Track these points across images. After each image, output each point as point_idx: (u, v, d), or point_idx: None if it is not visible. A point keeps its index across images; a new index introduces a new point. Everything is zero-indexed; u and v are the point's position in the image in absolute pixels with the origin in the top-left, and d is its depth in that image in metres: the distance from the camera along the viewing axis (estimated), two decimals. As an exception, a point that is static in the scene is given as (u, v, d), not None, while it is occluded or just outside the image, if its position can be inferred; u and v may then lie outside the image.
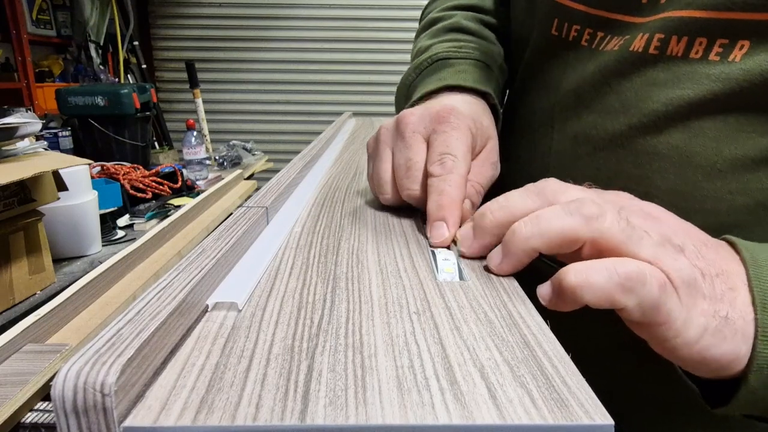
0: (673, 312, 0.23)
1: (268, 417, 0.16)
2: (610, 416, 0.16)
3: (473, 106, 0.40)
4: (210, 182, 1.73)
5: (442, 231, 0.32)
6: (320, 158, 0.66)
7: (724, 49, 0.31)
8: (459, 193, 0.33)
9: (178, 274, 0.24)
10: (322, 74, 3.16)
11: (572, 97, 0.40)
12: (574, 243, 0.25)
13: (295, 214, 0.40)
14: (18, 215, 0.82)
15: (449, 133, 0.35)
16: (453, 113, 0.36)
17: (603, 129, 0.37)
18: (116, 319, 0.19)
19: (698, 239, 0.26)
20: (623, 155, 0.36)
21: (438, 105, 0.37)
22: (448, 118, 0.35)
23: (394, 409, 0.16)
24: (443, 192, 0.32)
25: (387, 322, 0.22)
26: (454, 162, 0.33)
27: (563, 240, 0.25)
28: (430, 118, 0.36)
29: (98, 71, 2.48)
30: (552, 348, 0.20)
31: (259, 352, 0.20)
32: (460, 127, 0.35)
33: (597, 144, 0.37)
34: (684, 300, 0.23)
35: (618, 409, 0.20)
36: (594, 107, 0.38)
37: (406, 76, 0.49)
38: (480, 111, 0.40)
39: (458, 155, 0.34)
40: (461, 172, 0.33)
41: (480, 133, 0.37)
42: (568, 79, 0.41)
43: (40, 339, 0.63)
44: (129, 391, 0.16)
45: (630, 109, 0.35)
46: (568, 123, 0.40)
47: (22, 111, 1.51)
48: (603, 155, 0.37)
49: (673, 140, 0.34)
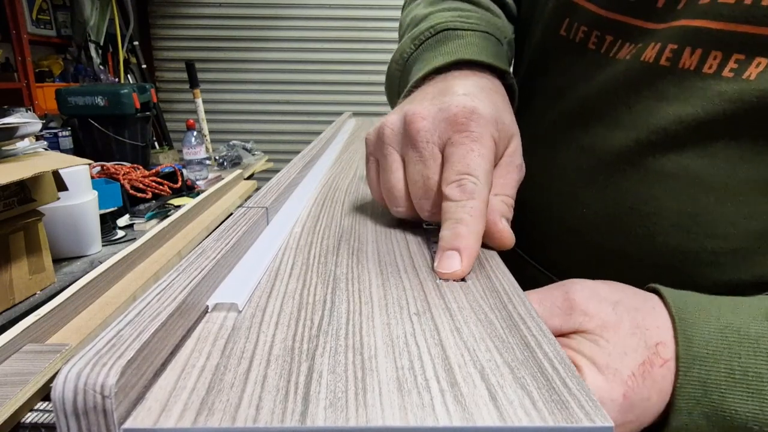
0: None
1: (268, 419, 0.16)
2: (610, 418, 0.16)
3: (492, 95, 0.34)
4: (210, 182, 1.73)
5: (454, 263, 0.27)
6: (320, 158, 0.66)
7: (740, 65, 0.29)
8: (479, 224, 0.28)
9: (178, 274, 0.24)
10: (322, 74, 3.16)
11: (579, 106, 0.38)
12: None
13: (295, 214, 0.40)
14: (18, 215, 0.82)
15: (469, 146, 0.30)
16: (473, 118, 0.30)
17: (610, 143, 0.35)
18: (116, 321, 0.19)
19: (634, 337, 0.26)
20: (631, 173, 0.34)
21: (455, 104, 0.31)
22: (468, 126, 0.30)
23: (394, 411, 0.16)
24: (461, 221, 0.28)
25: (387, 323, 0.22)
26: (476, 185, 0.29)
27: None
28: (446, 123, 0.31)
29: (98, 71, 2.48)
30: (552, 349, 0.20)
31: (259, 353, 0.20)
32: (483, 137, 0.30)
33: (603, 158, 0.36)
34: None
35: None
36: (601, 118, 0.36)
37: (401, 50, 0.42)
38: (500, 102, 0.34)
39: (480, 176, 0.29)
40: (483, 197, 0.29)
41: (503, 136, 0.32)
42: (574, 85, 0.38)
43: (40, 339, 0.63)
44: (129, 393, 0.16)
45: (638, 124, 0.34)
46: (573, 132, 0.38)
47: (22, 111, 1.51)
48: (609, 171, 0.35)
49: (683, 160, 0.32)
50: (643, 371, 0.25)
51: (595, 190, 0.36)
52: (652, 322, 0.26)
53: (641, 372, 0.25)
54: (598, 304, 0.27)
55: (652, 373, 0.25)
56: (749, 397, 0.24)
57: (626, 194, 0.35)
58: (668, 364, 0.25)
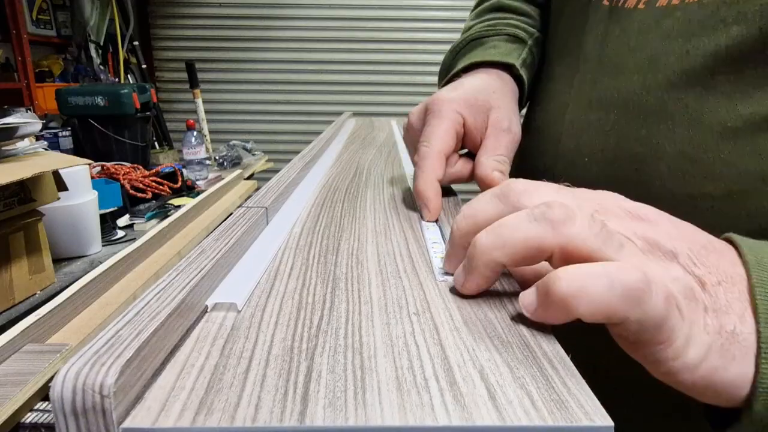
0: (675, 330, 0.20)
1: (267, 418, 0.16)
2: (610, 418, 0.16)
3: (477, 83, 0.43)
4: (210, 182, 1.73)
5: (425, 211, 0.37)
6: (320, 158, 0.66)
7: None
8: (431, 174, 0.37)
9: (177, 274, 0.24)
10: (322, 74, 3.16)
11: (593, 62, 0.40)
12: (541, 253, 0.22)
13: (295, 214, 0.40)
14: (18, 215, 0.82)
15: (431, 122, 0.39)
16: (437, 103, 0.40)
17: (617, 91, 0.37)
18: (115, 320, 0.19)
19: (696, 242, 0.23)
20: (632, 117, 0.36)
21: (432, 97, 0.41)
22: (433, 110, 0.40)
23: (393, 411, 0.16)
24: (418, 177, 0.38)
25: (387, 323, 0.22)
26: (427, 148, 0.38)
27: (528, 250, 0.22)
28: (423, 111, 0.41)
29: (98, 71, 2.48)
30: (552, 349, 0.20)
31: (258, 353, 0.20)
32: (442, 114, 0.39)
33: (609, 107, 0.38)
34: (685, 315, 0.20)
35: (618, 410, 0.20)
36: (613, 70, 0.38)
37: (446, 57, 0.53)
38: (481, 87, 0.42)
39: (431, 140, 0.38)
40: (432, 154, 0.38)
41: (476, 110, 0.40)
42: (588, 43, 0.41)
43: (40, 339, 0.63)
44: (128, 392, 0.16)
45: (645, 68, 0.35)
46: (585, 88, 0.41)
47: (22, 111, 1.51)
48: (613, 118, 0.37)
49: (685, 98, 0.33)
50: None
51: (599, 141, 0.38)
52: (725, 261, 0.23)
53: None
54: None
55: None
56: None
57: (627, 140, 0.36)
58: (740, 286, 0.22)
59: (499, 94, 0.42)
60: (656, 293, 0.20)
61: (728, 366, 0.20)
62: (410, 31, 3.09)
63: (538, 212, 0.22)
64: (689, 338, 0.20)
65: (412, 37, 3.09)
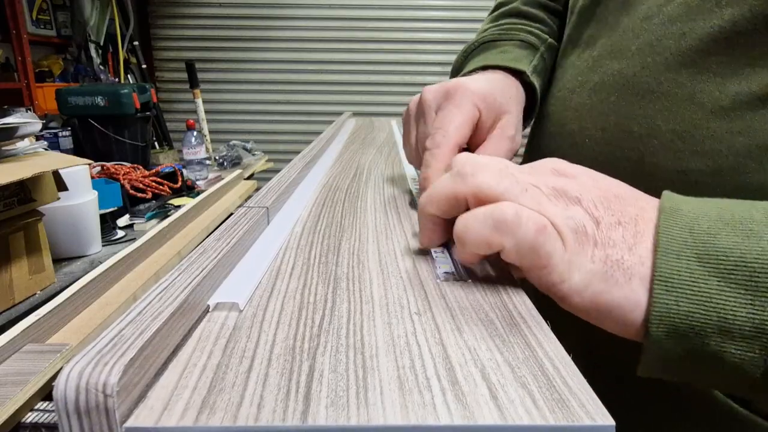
0: (554, 255, 0.23)
1: (269, 417, 0.16)
2: (611, 417, 0.16)
3: (496, 83, 0.43)
4: (210, 182, 1.73)
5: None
6: (320, 158, 0.66)
7: None
8: (442, 166, 0.36)
9: (179, 274, 0.24)
10: (322, 74, 3.16)
11: (600, 48, 0.41)
12: (457, 201, 0.26)
13: (296, 214, 0.40)
14: (18, 215, 0.82)
15: (448, 110, 0.38)
16: (459, 90, 0.39)
17: (619, 73, 0.38)
18: (118, 320, 0.19)
19: (608, 191, 0.25)
20: (630, 97, 0.36)
21: (452, 82, 0.40)
22: (454, 95, 0.39)
23: (395, 410, 0.16)
24: (429, 165, 0.37)
25: (388, 323, 0.22)
26: (444, 138, 0.37)
27: (448, 200, 0.27)
28: (442, 93, 0.40)
29: (98, 71, 2.48)
30: (553, 348, 0.20)
31: (260, 352, 0.20)
32: (462, 103, 0.38)
33: (610, 90, 0.38)
34: (569, 245, 0.23)
35: (618, 410, 0.20)
36: (617, 55, 0.39)
37: (457, 58, 0.54)
38: (500, 88, 0.42)
39: (449, 130, 0.37)
40: (449, 144, 0.37)
41: (491, 109, 0.40)
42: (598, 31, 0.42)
43: (40, 339, 0.63)
44: (131, 392, 0.16)
45: (645, 52, 0.36)
46: (590, 74, 0.41)
47: (22, 111, 1.51)
48: (613, 100, 0.38)
49: (680, 78, 0.34)
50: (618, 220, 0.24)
51: (599, 122, 0.39)
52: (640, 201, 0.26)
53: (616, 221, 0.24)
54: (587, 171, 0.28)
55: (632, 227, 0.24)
56: (742, 236, 0.22)
57: (625, 120, 0.37)
58: (649, 218, 0.24)
59: (514, 101, 0.43)
60: (526, 224, 0.23)
61: (611, 290, 0.23)
62: (410, 31, 3.09)
63: (454, 170, 0.27)
64: (572, 265, 0.23)
65: (412, 37, 3.09)
